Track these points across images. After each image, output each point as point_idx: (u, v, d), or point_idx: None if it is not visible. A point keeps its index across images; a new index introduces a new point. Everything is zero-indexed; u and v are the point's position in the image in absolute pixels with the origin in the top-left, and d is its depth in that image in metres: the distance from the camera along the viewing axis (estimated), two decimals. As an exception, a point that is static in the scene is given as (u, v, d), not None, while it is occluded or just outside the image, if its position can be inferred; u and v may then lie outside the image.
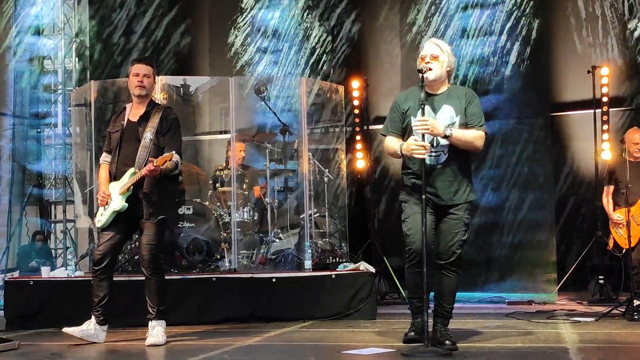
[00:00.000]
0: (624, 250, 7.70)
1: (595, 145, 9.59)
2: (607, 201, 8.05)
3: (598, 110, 9.61)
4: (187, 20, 11.81)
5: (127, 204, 5.87)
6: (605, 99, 9.56)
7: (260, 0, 11.32)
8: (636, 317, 6.76)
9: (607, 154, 9.42)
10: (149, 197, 5.88)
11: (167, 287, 6.10)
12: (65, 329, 5.91)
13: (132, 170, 5.89)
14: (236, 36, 11.44)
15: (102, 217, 5.96)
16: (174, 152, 5.81)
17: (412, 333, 5.15)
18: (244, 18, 11.48)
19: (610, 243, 8.00)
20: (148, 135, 5.93)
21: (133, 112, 6.09)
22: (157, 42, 11.62)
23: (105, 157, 6.14)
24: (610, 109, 9.62)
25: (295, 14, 11.28)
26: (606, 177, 8.19)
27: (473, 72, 10.15)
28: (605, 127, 9.53)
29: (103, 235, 5.99)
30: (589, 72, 9.61)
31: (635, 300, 7.00)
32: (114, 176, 5.99)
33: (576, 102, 10.20)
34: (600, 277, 8.89)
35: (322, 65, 11.16)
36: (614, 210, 7.97)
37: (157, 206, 5.91)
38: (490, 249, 9.76)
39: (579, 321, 6.87)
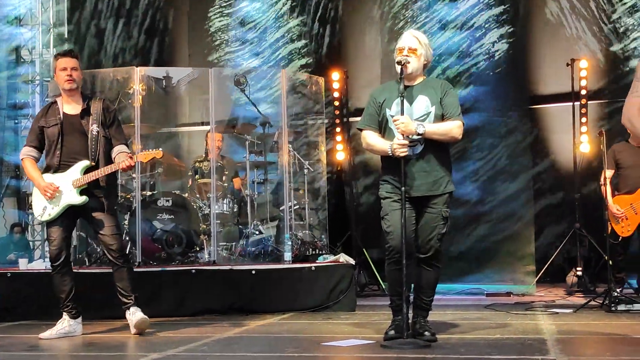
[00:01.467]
0: (620, 238, 7.70)
1: (574, 138, 9.64)
2: (608, 188, 7.78)
3: (577, 103, 9.66)
4: (167, 11, 11.75)
5: (87, 198, 5.88)
6: (584, 92, 9.60)
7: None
8: (614, 308, 6.83)
9: (585, 146, 9.47)
10: (106, 190, 5.96)
11: (136, 276, 6.16)
12: (42, 335, 5.84)
13: (85, 163, 5.89)
14: (216, 27, 11.39)
15: (53, 210, 5.92)
16: (160, 149, 5.95)
17: (393, 331, 5.14)
18: (224, 9, 11.43)
19: (609, 229, 7.88)
20: (94, 127, 5.96)
21: (67, 106, 6.05)
22: (136, 33, 11.55)
23: (29, 152, 6.09)
24: (589, 102, 9.67)
25: (275, 5, 11.25)
26: (609, 160, 7.73)
27: (452, 65, 10.17)
28: (584, 119, 9.58)
29: (53, 230, 5.96)
30: (568, 65, 9.65)
31: (615, 288, 7.07)
32: (56, 169, 5.96)
33: (555, 95, 10.24)
34: (578, 268, 8.95)
35: (303, 57, 11.14)
36: (613, 195, 7.86)
37: (112, 198, 6.13)
38: (469, 240, 9.80)
39: (557, 312, 6.91)
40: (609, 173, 7.78)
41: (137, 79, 8.10)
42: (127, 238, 7.84)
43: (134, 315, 5.89)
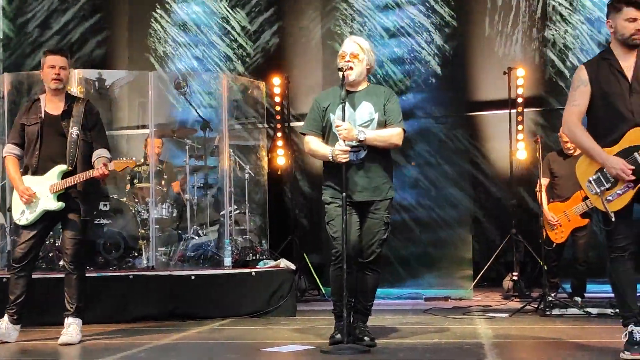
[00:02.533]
0: (554, 244, 7.85)
1: (510, 145, 9.81)
2: (544, 196, 7.94)
3: (513, 111, 9.83)
4: (105, 13, 11.59)
5: (63, 204, 5.76)
6: (520, 100, 9.78)
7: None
8: (548, 312, 6.96)
9: (522, 153, 9.64)
10: (84, 195, 5.82)
11: (87, 284, 6.01)
12: None
13: (62, 167, 5.76)
14: (156, 30, 11.28)
15: (30, 215, 5.79)
16: (134, 158, 5.91)
17: (339, 335, 5.15)
18: (165, 12, 11.33)
19: (543, 235, 8.03)
20: (74, 130, 5.82)
21: (49, 105, 5.92)
22: (74, 34, 11.37)
23: (12, 149, 5.93)
24: (525, 109, 9.85)
25: (217, 9, 11.20)
26: (544, 169, 7.94)
27: (392, 72, 10.26)
28: (520, 127, 9.75)
29: (25, 232, 5.82)
30: (505, 73, 9.81)
31: (550, 293, 7.21)
32: (34, 171, 5.83)
33: (493, 102, 10.40)
34: (514, 273, 9.09)
35: (244, 62, 11.11)
36: (548, 203, 7.99)
37: (91, 204, 5.95)
38: (408, 246, 9.88)
39: (494, 317, 7.02)
40: (544, 181, 7.95)
41: (75, 81, 7.97)
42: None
43: (67, 328, 5.74)
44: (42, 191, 5.75)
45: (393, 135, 5.25)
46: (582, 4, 10.15)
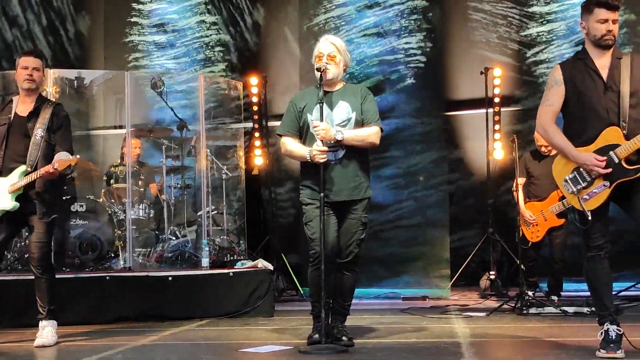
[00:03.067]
0: (530, 243, 7.92)
1: (487, 144, 9.85)
2: (521, 195, 8.01)
3: (490, 110, 9.88)
4: (82, 13, 11.50)
5: (18, 204, 5.68)
6: (497, 100, 9.83)
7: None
8: (525, 311, 7.00)
9: (499, 153, 9.69)
10: (42, 196, 5.73)
11: (57, 286, 5.95)
12: None
13: (23, 168, 5.70)
14: (133, 30, 11.22)
15: None
16: (77, 156, 5.77)
17: (317, 335, 5.15)
18: (141, 11, 11.27)
19: (519, 234, 8.09)
20: (39, 132, 5.76)
21: (21, 106, 5.87)
22: (50, 34, 11.28)
23: None
24: (502, 109, 9.91)
25: (194, 9, 11.15)
26: (520, 169, 8.03)
27: (370, 71, 10.26)
28: (497, 126, 9.81)
29: None
30: (482, 73, 9.86)
31: (527, 292, 7.25)
32: (0, 171, 5.77)
33: (470, 102, 10.45)
34: (491, 272, 9.14)
35: (221, 61, 11.07)
36: (525, 202, 8.05)
37: (50, 205, 5.80)
38: (385, 245, 9.88)
39: (471, 316, 7.05)
40: (520, 180, 8.02)
41: (50, 81, 7.90)
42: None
43: (41, 331, 5.68)
44: (2, 192, 5.70)
45: (370, 134, 5.26)
46: (558, 5, 10.22)
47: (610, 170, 4.54)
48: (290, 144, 5.35)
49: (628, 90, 4.58)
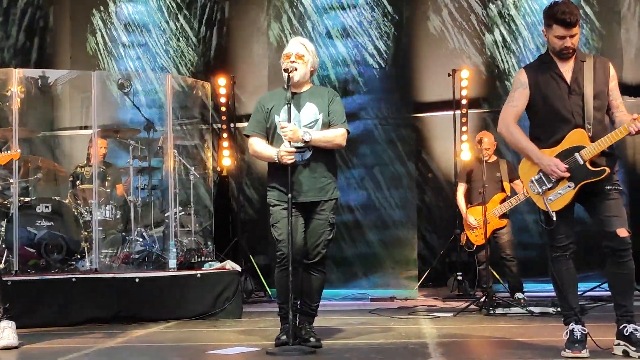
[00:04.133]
0: (475, 246, 8.09)
1: (455, 146, 9.91)
2: (462, 201, 8.31)
3: (458, 112, 9.95)
4: (48, 10, 11.37)
5: None
6: (464, 101, 9.91)
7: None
8: (492, 311, 7.05)
9: (466, 154, 9.76)
10: None
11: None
12: None
13: None
14: (99, 29, 11.13)
15: None
16: (18, 150, 5.81)
17: (284, 337, 5.14)
18: (108, 10, 11.18)
19: (463, 239, 8.31)
20: None
21: None
22: (15, 32, 11.15)
23: None
24: (469, 111, 9.98)
25: (161, 8, 11.08)
26: (461, 175, 8.46)
27: (338, 73, 10.29)
28: (464, 128, 9.88)
29: None
30: (449, 75, 9.92)
31: (479, 294, 7.35)
32: None
33: (437, 103, 10.49)
34: (458, 273, 9.20)
35: (189, 61, 11.02)
36: (468, 207, 8.26)
37: None
38: (354, 246, 9.92)
39: (439, 316, 7.09)
40: (463, 187, 8.31)
41: (15, 80, 7.81)
42: (4, 246, 7.56)
43: (2, 333, 5.57)
44: None
45: (337, 135, 5.29)
46: (525, 7, 10.31)
47: (569, 174, 4.60)
48: (258, 145, 5.35)
49: (592, 93, 4.64)
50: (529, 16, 10.27)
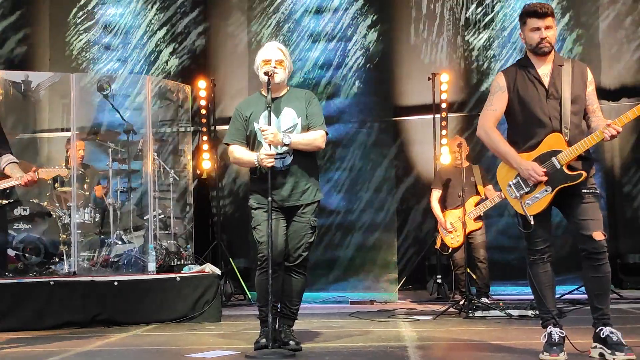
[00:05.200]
0: (450, 249, 8.24)
1: (434, 149, 9.95)
2: (437, 205, 8.46)
3: (437, 116, 9.99)
4: (28, 12, 11.30)
5: None
6: (444, 105, 9.95)
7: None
8: (471, 314, 7.08)
9: (445, 157, 9.78)
10: None
11: None
12: None
13: None
14: (78, 31, 11.07)
15: None
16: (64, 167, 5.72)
17: (264, 340, 5.13)
18: (87, 13, 11.12)
19: (438, 242, 8.41)
20: None
21: None
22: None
23: None
24: (449, 114, 10.02)
25: (141, 11, 11.04)
26: (436, 182, 8.61)
27: (318, 76, 10.30)
28: (444, 131, 9.91)
29: None
30: (429, 78, 9.96)
31: (459, 297, 7.39)
32: None
33: (418, 107, 10.53)
34: (437, 276, 9.23)
35: (169, 64, 10.99)
36: (443, 211, 8.43)
37: None
38: (334, 249, 9.93)
39: (418, 319, 7.11)
40: (437, 193, 8.47)
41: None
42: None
43: None
44: None
45: (317, 138, 5.30)
46: (502, 13, 10.37)
47: (546, 178, 4.64)
48: (238, 152, 5.35)
49: (569, 97, 4.68)
50: (506, 20, 10.33)
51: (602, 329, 4.59)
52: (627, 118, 4.58)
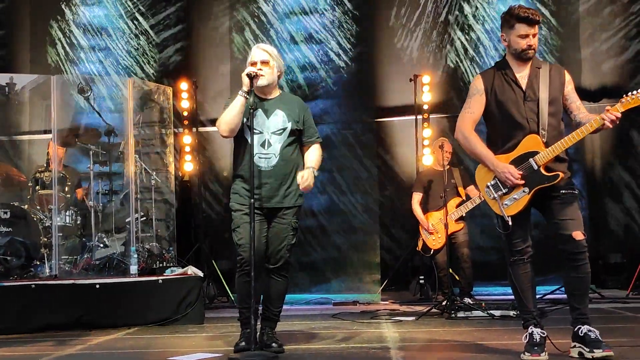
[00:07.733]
0: (432, 251, 8.31)
1: (416, 150, 9.96)
2: (418, 208, 8.53)
3: (419, 117, 10.00)
4: (8, 12, 11.22)
5: None
6: (426, 107, 9.97)
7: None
8: (454, 315, 7.11)
9: (427, 159, 9.81)
10: None
11: None
12: None
13: None
14: (59, 32, 11.01)
15: None
16: None
17: (244, 342, 5.12)
18: (69, 13, 11.06)
19: (420, 244, 8.45)
20: None
21: None
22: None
23: None
24: (430, 116, 10.04)
25: (122, 12, 10.99)
26: (417, 185, 8.69)
27: (301, 78, 10.31)
28: (425, 133, 9.93)
29: None
30: (411, 80, 9.97)
31: (441, 298, 7.44)
32: None
33: (400, 108, 10.53)
34: (420, 277, 9.26)
35: (150, 66, 10.95)
36: (425, 213, 8.49)
37: None
38: (317, 251, 9.94)
39: (401, 320, 7.12)
40: (418, 196, 8.56)
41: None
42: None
43: None
44: None
45: (320, 153, 5.48)
46: (485, 15, 10.41)
47: (523, 181, 4.66)
48: (226, 110, 5.21)
49: (547, 99, 4.70)
50: (488, 23, 10.37)
51: (580, 328, 4.63)
52: (629, 104, 4.55)
